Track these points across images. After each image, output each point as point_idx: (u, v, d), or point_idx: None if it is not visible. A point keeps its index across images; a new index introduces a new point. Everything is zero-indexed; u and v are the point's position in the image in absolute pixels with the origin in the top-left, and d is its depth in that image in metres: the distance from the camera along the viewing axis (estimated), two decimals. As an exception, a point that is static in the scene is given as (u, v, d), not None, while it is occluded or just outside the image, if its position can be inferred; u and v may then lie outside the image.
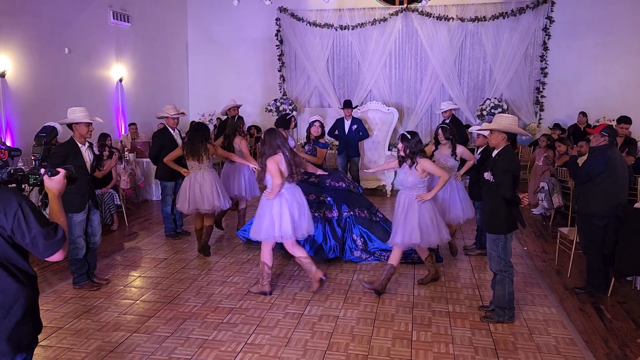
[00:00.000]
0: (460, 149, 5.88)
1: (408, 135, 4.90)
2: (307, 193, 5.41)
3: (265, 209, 4.91)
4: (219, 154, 6.40)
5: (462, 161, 6.07)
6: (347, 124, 9.07)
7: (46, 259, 2.28)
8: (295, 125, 8.51)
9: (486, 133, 5.05)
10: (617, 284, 5.05)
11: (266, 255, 5.04)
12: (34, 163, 2.43)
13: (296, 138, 11.88)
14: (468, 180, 6.34)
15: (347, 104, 9.27)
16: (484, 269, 5.67)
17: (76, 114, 4.95)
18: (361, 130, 9.15)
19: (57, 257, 2.27)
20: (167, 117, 6.91)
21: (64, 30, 9.08)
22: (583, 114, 10.51)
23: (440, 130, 5.86)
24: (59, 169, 2.39)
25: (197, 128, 6.22)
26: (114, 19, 10.31)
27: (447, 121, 8.39)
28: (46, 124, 2.86)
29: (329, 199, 6.06)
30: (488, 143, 5.02)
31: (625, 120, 6.91)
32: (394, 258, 5.04)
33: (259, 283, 5.15)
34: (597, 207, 4.81)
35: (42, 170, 2.36)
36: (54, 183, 2.40)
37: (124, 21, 10.63)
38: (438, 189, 4.95)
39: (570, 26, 11.09)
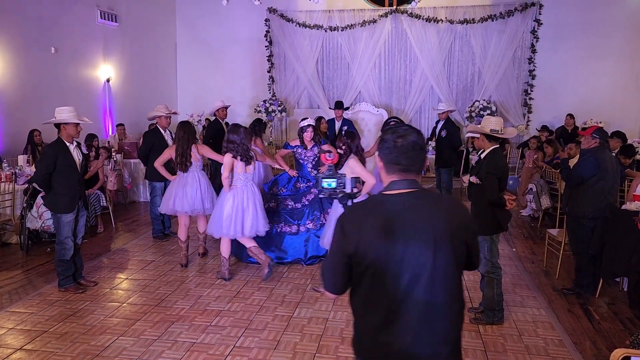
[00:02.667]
0: (351, 163, 4.99)
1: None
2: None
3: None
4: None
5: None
6: (337, 125, 9.04)
7: None
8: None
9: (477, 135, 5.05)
10: (605, 285, 5.08)
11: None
12: None
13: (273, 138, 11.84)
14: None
15: (338, 105, 9.25)
16: (473, 271, 5.66)
17: (64, 114, 4.91)
18: (351, 130, 9.13)
19: None
20: (159, 117, 6.84)
21: (50, 29, 8.96)
22: (570, 116, 10.60)
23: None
24: None
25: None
26: (101, 18, 10.20)
27: (442, 122, 8.37)
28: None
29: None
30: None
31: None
32: None
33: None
34: (588, 209, 4.83)
35: None
36: None
37: (112, 21, 10.52)
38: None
39: (558, 29, 11.17)
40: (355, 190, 2.25)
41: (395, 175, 1.91)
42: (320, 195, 2.42)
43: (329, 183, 2.35)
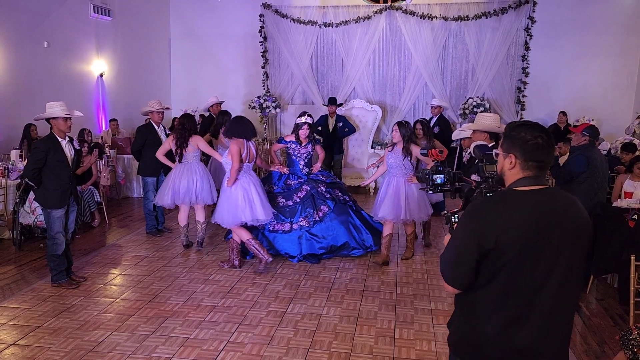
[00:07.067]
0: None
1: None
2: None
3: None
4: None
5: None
6: (331, 121, 9.05)
7: None
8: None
9: (468, 134, 5.07)
10: (595, 281, 5.13)
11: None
12: (489, 181, 2.25)
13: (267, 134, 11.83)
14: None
15: (332, 101, 9.26)
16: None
17: (54, 108, 4.90)
18: (347, 126, 9.14)
19: None
20: (151, 112, 6.83)
21: (42, 23, 8.89)
22: (563, 113, 10.67)
23: None
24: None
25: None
26: (94, 12, 10.12)
27: (435, 118, 8.50)
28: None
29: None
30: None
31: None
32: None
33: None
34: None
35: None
36: None
37: (105, 15, 10.45)
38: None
39: (551, 26, 11.21)
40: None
41: (532, 171, 1.93)
42: (429, 192, 2.62)
43: (441, 178, 2.59)
